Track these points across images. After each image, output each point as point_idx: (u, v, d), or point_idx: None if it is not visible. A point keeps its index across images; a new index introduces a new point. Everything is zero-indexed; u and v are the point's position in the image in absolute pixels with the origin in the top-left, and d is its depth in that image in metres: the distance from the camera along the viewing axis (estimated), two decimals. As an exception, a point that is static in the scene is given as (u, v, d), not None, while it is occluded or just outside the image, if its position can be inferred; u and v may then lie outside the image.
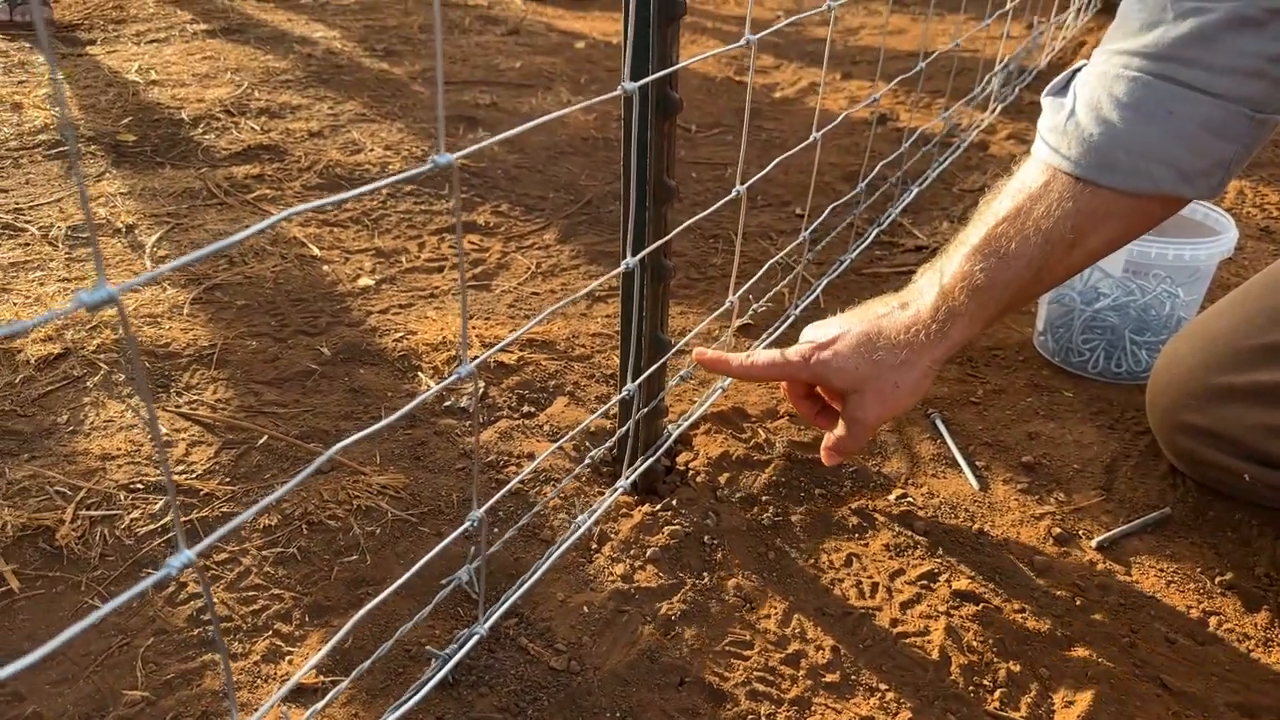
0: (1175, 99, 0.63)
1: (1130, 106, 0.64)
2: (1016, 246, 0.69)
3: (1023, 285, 0.70)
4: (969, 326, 0.72)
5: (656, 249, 0.81)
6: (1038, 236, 0.68)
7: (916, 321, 0.73)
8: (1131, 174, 0.65)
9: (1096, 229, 0.67)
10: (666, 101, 0.76)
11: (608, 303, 1.27)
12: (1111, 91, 0.65)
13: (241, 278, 1.27)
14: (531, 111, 1.98)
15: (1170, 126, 0.63)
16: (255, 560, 0.81)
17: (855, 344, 0.74)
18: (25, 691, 0.69)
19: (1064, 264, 0.69)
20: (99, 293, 0.38)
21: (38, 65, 2.08)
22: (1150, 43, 0.64)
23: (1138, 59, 0.64)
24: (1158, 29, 0.63)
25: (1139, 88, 0.64)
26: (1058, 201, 0.68)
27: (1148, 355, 1.10)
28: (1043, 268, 0.69)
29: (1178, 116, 0.63)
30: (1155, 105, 0.64)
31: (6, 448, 0.92)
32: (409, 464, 0.94)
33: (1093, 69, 0.68)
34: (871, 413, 0.74)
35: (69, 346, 1.08)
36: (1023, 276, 0.69)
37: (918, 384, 0.73)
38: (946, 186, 1.64)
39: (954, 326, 0.71)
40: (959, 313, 0.71)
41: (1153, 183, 0.65)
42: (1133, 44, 0.65)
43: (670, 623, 0.78)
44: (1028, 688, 0.73)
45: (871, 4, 3.04)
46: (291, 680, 0.55)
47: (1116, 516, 0.92)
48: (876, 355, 0.73)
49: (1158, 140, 0.64)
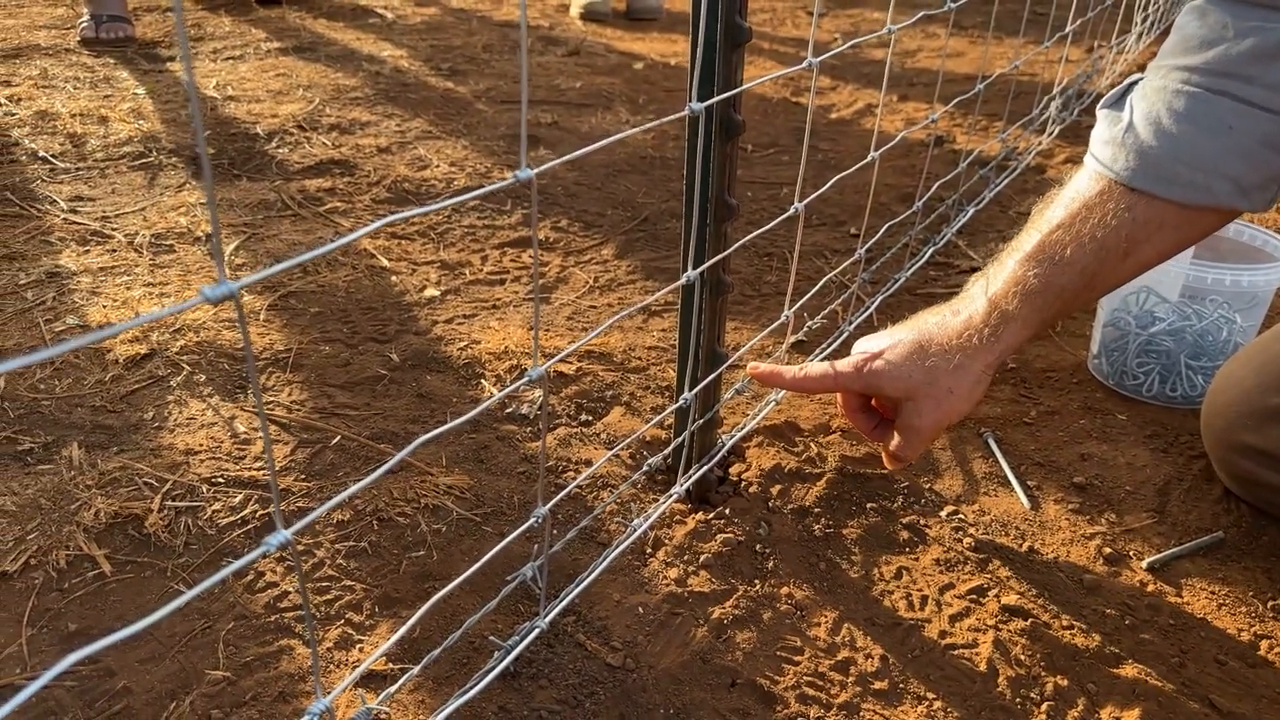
0: (1234, 114, 0.64)
1: (1189, 121, 0.66)
2: (1071, 253, 0.71)
3: (1075, 292, 0.72)
4: (1021, 331, 0.73)
5: (716, 264, 0.84)
6: (1092, 244, 0.70)
7: (969, 327, 0.75)
8: (1190, 187, 0.67)
9: (1150, 239, 0.69)
10: (730, 123, 0.79)
11: (663, 317, 1.30)
12: (1171, 105, 0.67)
13: (315, 286, 1.32)
14: (591, 131, 2.03)
15: (1229, 141, 0.65)
16: (329, 553, 0.85)
17: (908, 352, 0.76)
18: (116, 668, 0.74)
19: (1116, 272, 0.71)
20: (221, 289, 0.42)
21: (123, 80, 2.18)
22: (1211, 59, 0.65)
23: (1197, 74, 0.66)
24: (1218, 46, 0.65)
25: (1199, 103, 0.66)
26: (1113, 211, 0.69)
27: (1203, 380, 1.10)
28: (1095, 275, 0.71)
29: (1237, 132, 0.64)
30: (1215, 120, 0.65)
31: (98, 441, 0.98)
32: (473, 466, 0.97)
33: (1150, 83, 0.70)
34: (928, 419, 0.76)
35: (154, 348, 1.14)
36: (1075, 283, 0.71)
37: (972, 389, 0.74)
38: (1003, 209, 1.65)
39: (1006, 331, 0.73)
40: (1011, 317, 0.73)
41: (1211, 196, 0.66)
42: (1192, 60, 0.67)
43: (722, 626, 0.80)
44: (1075, 702, 0.75)
45: (930, 27, 3.05)
46: (364, 665, 0.59)
47: (1168, 539, 0.92)
48: (929, 362, 0.75)
49: (1216, 154, 0.65)
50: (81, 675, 0.73)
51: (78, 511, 0.87)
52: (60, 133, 1.84)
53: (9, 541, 0.84)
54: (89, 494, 0.89)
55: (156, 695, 0.72)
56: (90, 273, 1.32)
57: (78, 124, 1.88)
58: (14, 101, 2.00)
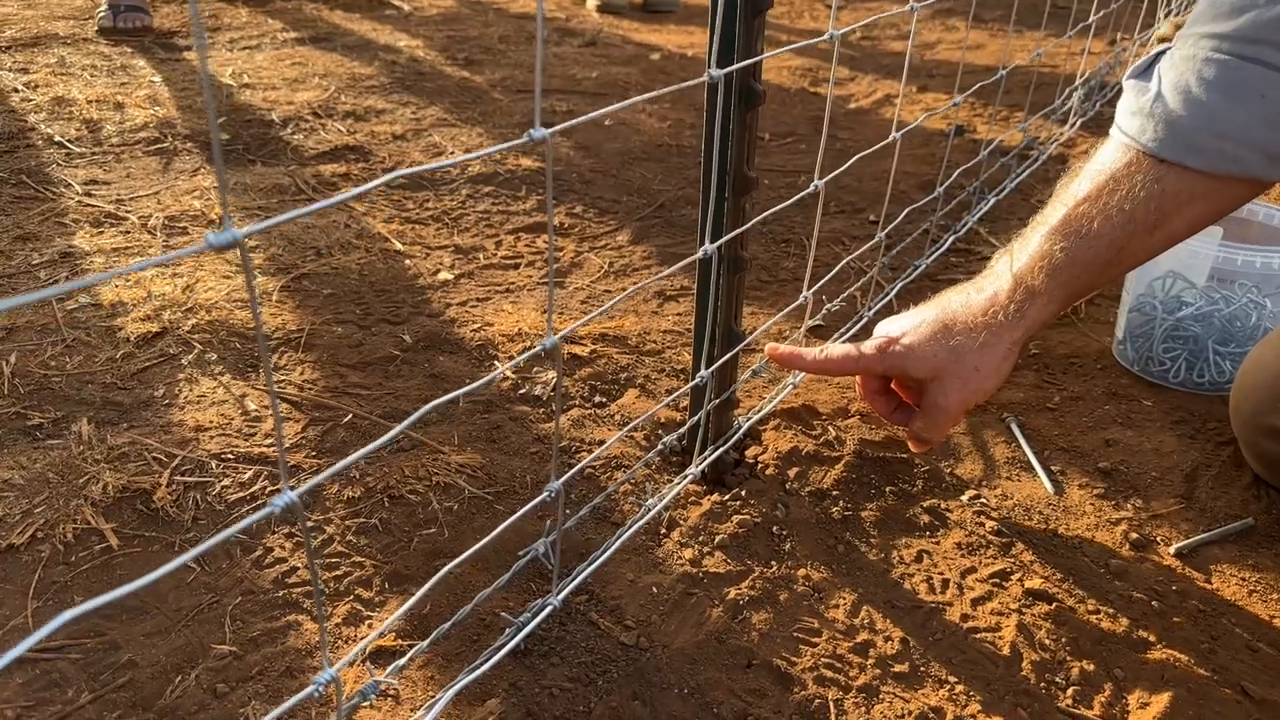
0: (1266, 82, 0.62)
1: (1219, 89, 0.64)
2: (1098, 226, 0.68)
3: (1102, 265, 0.69)
4: (1047, 306, 0.71)
5: (734, 239, 0.83)
6: (1120, 217, 0.68)
7: (994, 304, 0.72)
8: (1219, 156, 0.64)
9: (1180, 211, 0.67)
10: (750, 93, 0.77)
11: (679, 301, 1.28)
12: (1200, 74, 0.65)
13: (328, 269, 1.31)
14: (606, 119, 2.01)
15: (1260, 109, 0.63)
16: (339, 529, 0.84)
17: (932, 332, 0.74)
18: (121, 641, 0.73)
19: (1145, 245, 0.69)
20: (225, 235, 0.40)
21: (139, 68, 2.18)
22: (1241, 26, 0.63)
23: (1227, 42, 0.64)
24: (1249, 13, 0.63)
25: (1229, 71, 0.64)
26: (1141, 183, 0.67)
27: (1231, 366, 1.08)
28: (1124, 248, 0.68)
29: (1268, 100, 0.62)
30: (1245, 88, 0.63)
31: (108, 417, 0.97)
32: (485, 446, 0.96)
33: (1178, 52, 0.68)
34: (954, 398, 0.73)
35: (166, 326, 1.13)
36: (1102, 257, 0.69)
37: (999, 366, 0.72)
38: (1024, 198, 1.62)
39: (1031, 307, 0.71)
40: (1037, 293, 0.71)
41: (1240, 165, 0.64)
42: (1222, 27, 0.64)
43: (738, 607, 0.78)
44: (1102, 687, 0.72)
45: (949, 20, 3.02)
46: (371, 636, 0.57)
47: (1196, 525, 0.90)
48: (954, 341, 0.73)
49: (1247, 123, 0.63)
50: (87, 648, 0.72)
51: (85, 485, 0.86)
52: (76, 118, 1.84)
53: (16, 515, 0.83)
54: (97, 468, 0.88)
55: (162, 669, 0.70)
56: (103, 253, 1.31)
57: (94, 110, 1.88)
58: (31, 88, 2.00)
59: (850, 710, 0.70)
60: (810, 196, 0.84)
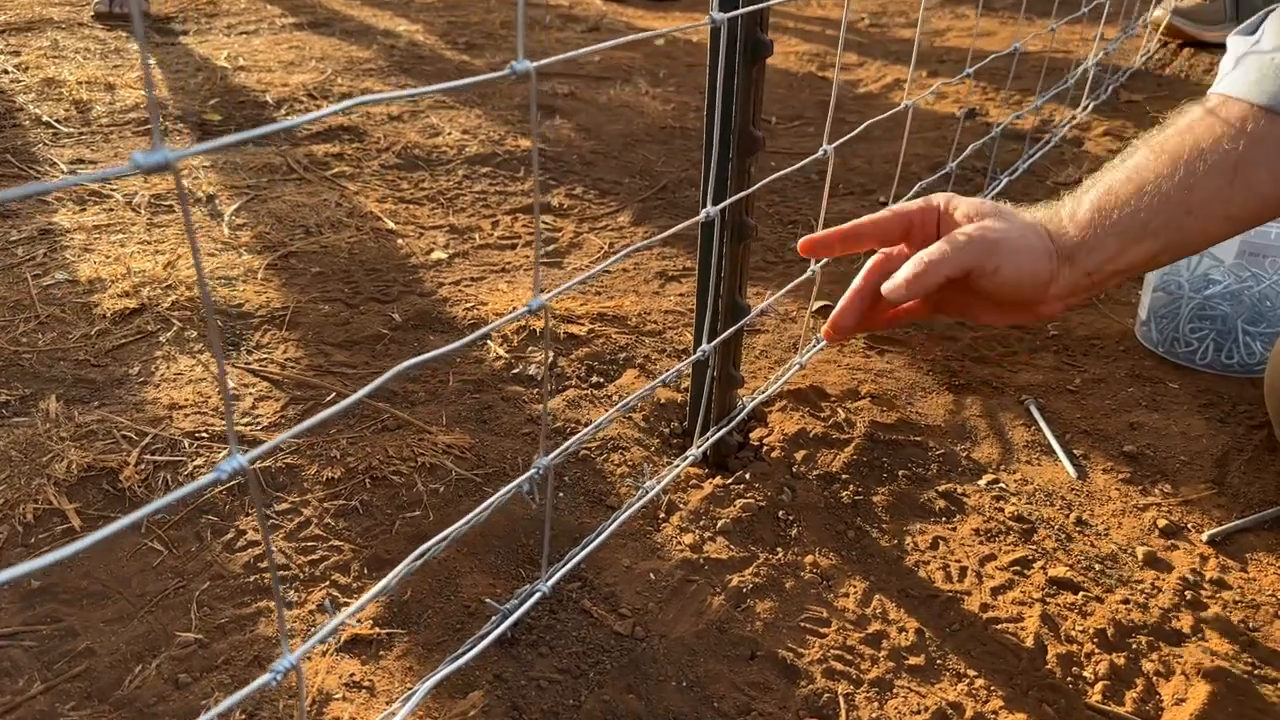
0: None
1: None
2: (1197, 182, 0.61)
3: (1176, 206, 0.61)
4: (1104, 237, 0.62)
5: (738, 203, 0.77)
6: (1222, 178, 0.60)
7: (1051, 209, 0.64)
8: None
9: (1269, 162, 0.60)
10: (756, 44, 0.72)
11: (681, 282, 1.23)
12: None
13: (317, 247, 1.26)
14: (609, 102, 1.96)
15: None
16: (316, 511, 0.79)
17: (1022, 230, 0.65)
18: (80, 628, 0.68)
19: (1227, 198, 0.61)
20: (155, 156, 0.36)
21: (131, 52, 2.14)
22: None
23: None
24: None
25: None
26: (1247, 136, 0.60)
27: (1262, 347, 1.02)
28: (1230, 199, 0.61)
29: None
30: None
31: (78, 395, 0.92)
32: (475, 426, 0.91)
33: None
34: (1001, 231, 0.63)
35: (144, 303, 1.08)
36: (1177, 197, 0.61)
37: (1037, 251, 0.63)
38: (1039, 180, 1.57)
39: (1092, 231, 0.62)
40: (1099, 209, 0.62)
41: None
42: None
43: (742, 595, 0.73)
44: (1133, 682, 0.67)
45: (959, 7, 2.96)
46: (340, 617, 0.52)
47: (1229, 511, 0.84)
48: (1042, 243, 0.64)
49: None
50: (42, 635, 0.67)
51: (49, 464, 0.81)
52: (65, 99, 1.79)
53: (-25, 494, 0.79)
54: (62, 446, 0.83)
55: (121, 657, 0.65)
56: (85, 230, 1.26)
57: (84, 91, 1.83)
58: (21, 69, 1.95)
59: (862, 705, 0.65)
60: (819, 174, 0.78)
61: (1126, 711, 0.65)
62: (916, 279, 0.63)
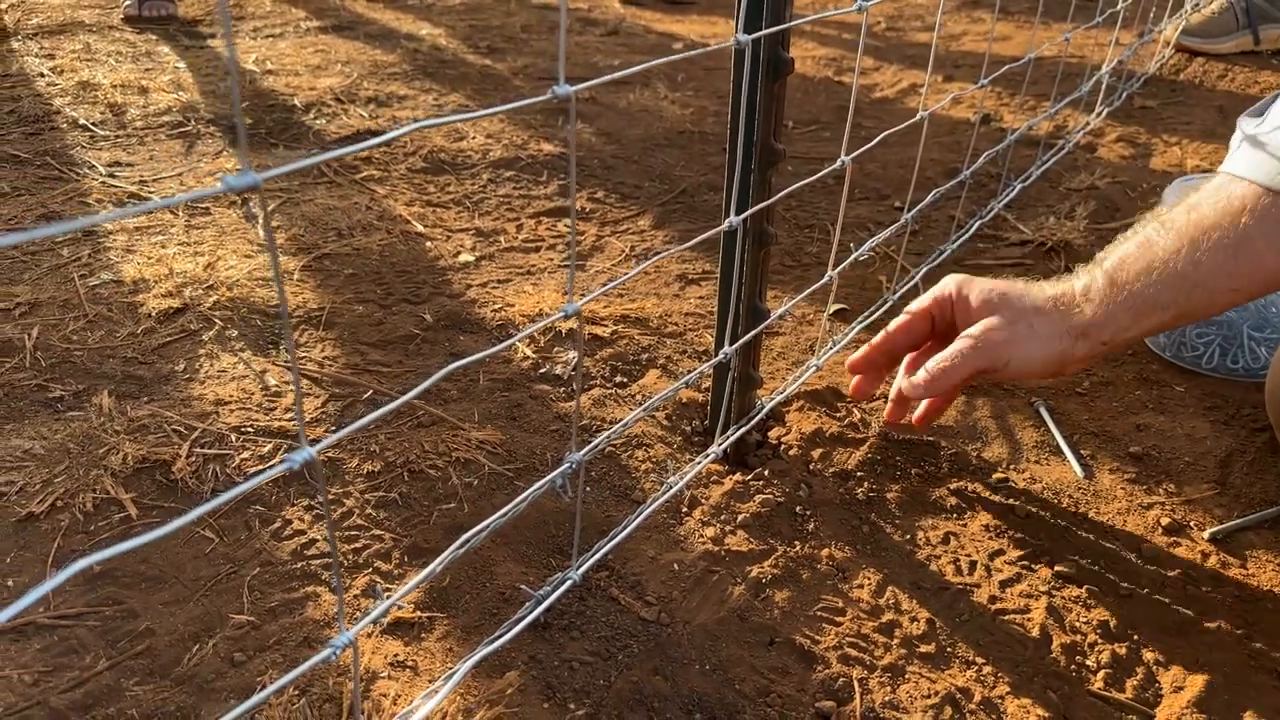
0: None
1: None
2: (1203, 258, 0.66)
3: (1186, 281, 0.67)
4: (1119, 313, 0.69)
5: (759, 212, 0.81)
6: (1226, 253, 0.65)
7: (1068, 290, 0.71)
8: None
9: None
10: (778, 61, 0.76)
11: (701, 285, 1.27)
12: None
13: (350, 249, 1.31)
14: (629, 106, 2.00)
15: None
16: (358, 502, 0.83)
17: (996, 283, 0.73)
18: (140, 609, 0.72)
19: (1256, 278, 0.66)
20: (245, 179, 0.40)
21: (163, 55, 2.19)
22: None
23: None
24: None
25: None
26: (1251, 212, 0.65)
27: (1267, 352, 1.05)
28: (1234, 273, 0.66)
29: None
30: None
31: (128, 390, 0.97)
32: (505, 423, 0.95)
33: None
34: (998, 335, 0.71)
35: (187, 302, 1.13)
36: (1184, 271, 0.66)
37: (1049, 338, 0.71)
38: (1052, 185, 1.60)
39: (1106, 308, 0.69)
40: (1117, 284, 0.69)
41: None
42: None
43: (761, 585, 0.77)
44: (1134, 671, 0.71)
45: (976, 11, 2.99)
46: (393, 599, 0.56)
47: (1231, 510, 0.88)
48: (1018, 294, 0.72)
49: None
50: (105, 616, 0.71)
51: (105, 456, 0.86)
52: (101, 102, 1.84)
53: (36, 484, 0.83)
54: (117, 439, 0.88)
55: (180, 637, 0.70)
56: (126, 232, 1.31)
57: (118, 94, 1.89)
58: (57, 73, 2.01)
59: (875, 689, 0.69)
60: (835, 180, 0.82)
61: (1127, 698, 0.69)
62: (933, 382, 0.74)
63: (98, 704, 0.65)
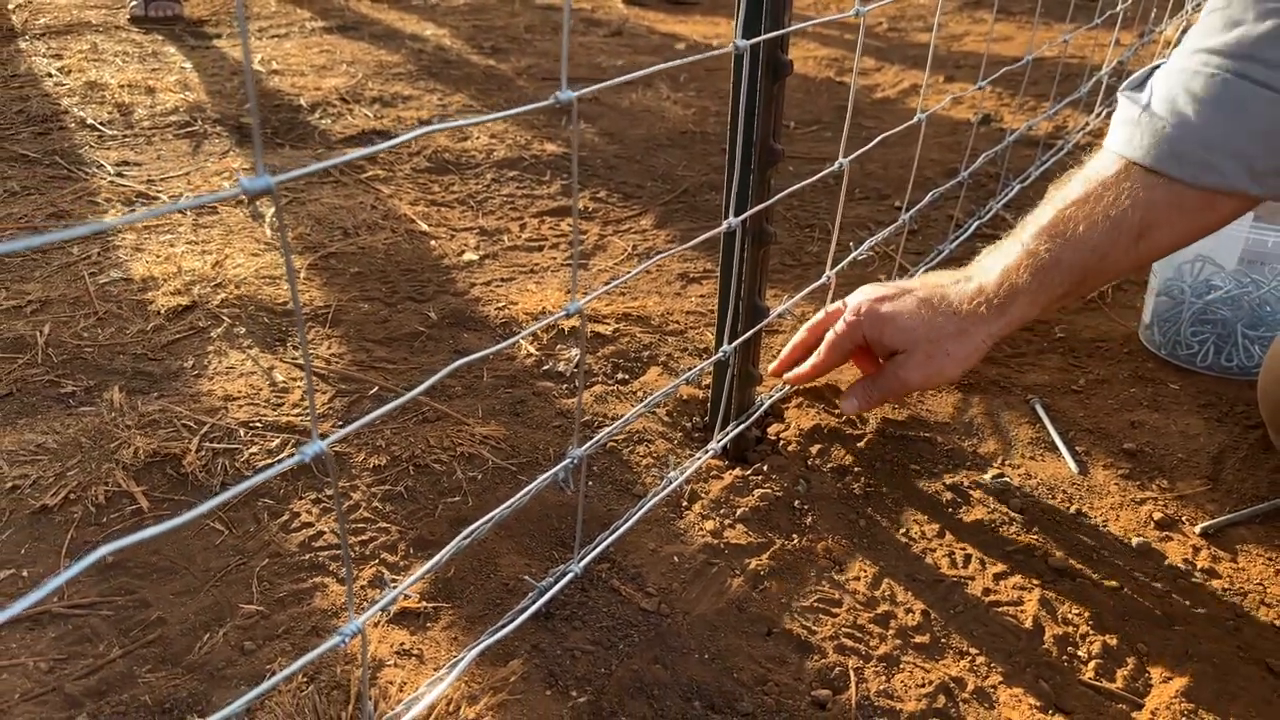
0: (1251, 97, 0.63)
1: (1205, 102, 0.65)
2: (1084, 230, 0.70)
3: (1086, 270, 0.71)
4: (1029, 306, 0.74)
5: (759, 212, 0.83)
6: (1105, 223, 0.69)
7: (979, 294, 0.75)
8: (1202, 167, 0.65)
9: (1164, 222, 0.68)
10: (777, 64, 0.78)
11: (702, 283, 1.28)
12: (1188, 87, 0.66)
13: (355, 248, 1.32)
14: (632, 106, 2.01)
15: (1244, 123, 0.64)
16: (365, 496, 0.84)
17: (916, 304, 0.77)
18: (151, 599, 0.74)
19: (1129, 255, 0.70)
20: (259, 181, 0.41)
21: (169, 55, 2.21)
22: (1231, 41, 0.64)
23: (1217, 57, 0.65)
24: (1239, 28, 0.64)
25: (1216, 84, 0.65)
26: (1128, 191, 0.69)
27: (1260, 350, 1.07)
28: (1107, 255, 0.70)
29: (1252, 114, 0.63)
30: (1230, 102, 0.64)
31: (139, 386, 0.99)
32: (509, 419, 0.97)
33: (1171, 65, 0.70)
34: (915, 375, 0.76)
35: (196, 300, 1.14)
36: (1087, 261, 0.71)
37: (969, 356, 0.75)
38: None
39: (1014, 304, 0.74)
40: (1021, 290, 0.73)
41: (1222, 178, 0.65)
42: (1213, 42, 0.65)
43: (759, 577, 0.79)
44: (1124, 661, 0.72)
45: (977, 11, 3.00)
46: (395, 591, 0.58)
47: (1223, 506, 0.89)
48: (937, 320, 0.76)
49: (1230, 136, 0.64)
50: (117, 605, 0.73)
51: (117, 450, 0.88)
52: (108, 102, 1.86)
53: (50, 477, 0.85)
54: (128, 434, 0.90)
55: (191, 626, 0.72)
56: (134, 230, 1.33)
57: (125, 94, 1.91)
58: (64, 73, 2.03)
59: (871, 678, 0.70)
60: (835, 180, 0.84)
61: (1117, 688, 0.70)
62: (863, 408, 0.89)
63: (111, 690, 0.66)
